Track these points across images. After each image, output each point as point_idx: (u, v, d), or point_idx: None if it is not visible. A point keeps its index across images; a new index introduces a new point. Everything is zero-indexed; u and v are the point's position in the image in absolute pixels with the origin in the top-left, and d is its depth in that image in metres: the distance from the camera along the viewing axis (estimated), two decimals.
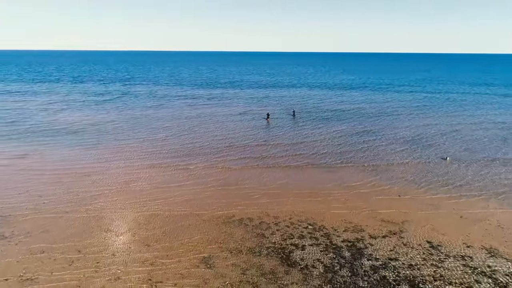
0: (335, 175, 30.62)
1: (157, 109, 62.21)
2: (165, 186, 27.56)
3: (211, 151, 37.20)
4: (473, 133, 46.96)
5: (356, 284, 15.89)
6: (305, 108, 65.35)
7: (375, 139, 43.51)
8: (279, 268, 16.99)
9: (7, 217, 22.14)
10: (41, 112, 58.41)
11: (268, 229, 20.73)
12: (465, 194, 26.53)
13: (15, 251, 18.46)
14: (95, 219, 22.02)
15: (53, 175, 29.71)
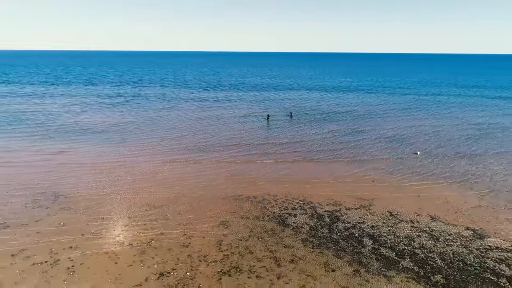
0: (326, 168, 37.10)
1: (169, 110, 68.78)
2: (185, 175, 34.06)
3: (220, 148, 43.74)
4: (451, 133, 53.39)
5: (332, 237, 22.43)
6: (302, 109, 71.88)
7: (364, 138, 49.96)
8: (277, 227, 23.55)
9: (68, 197, 28.70)
10: (64, 114, 64.98)
11: (268, 204, 27.30)
12: (427, 181, 33.02)
13: (83, 218, 25.03)
14: (136, 198, 28.57)
15: (93, 167, 36.18)
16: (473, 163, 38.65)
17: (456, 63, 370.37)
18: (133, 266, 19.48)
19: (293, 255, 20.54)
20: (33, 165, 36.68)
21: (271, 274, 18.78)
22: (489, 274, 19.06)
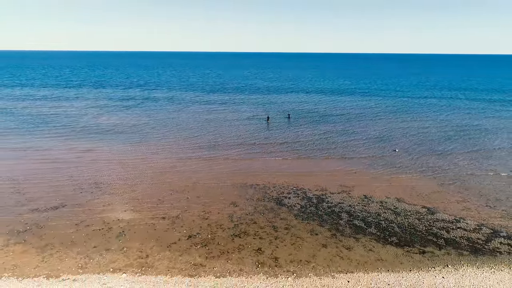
0: (318, 163, 43.78)
1: (179, 113, 75.54)
2: (199, 169, 40.70)
3: (227, 147, 50.48)
4: (432, 134, 60.02)
5: (317, 213, 29.17)
6: (300, 112, 78.62)
7: (353, 138, 56.60)
8: (275, 206, 30.30)
9: (106, 185, 35.43)
10: (84, 116, 71.77)
11: (268, 189, 34.05)
12: (400, 173, 39.73)
13: (122, 201, 31.76)
14: (161, 186, 35.31)
15: (120, 162, 42.83)
16: (444, 159, 45.34)
17: (452, 64, 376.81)
18: (167, 231, 26.25)
19: (287, 224, 27.29)
20: (69, 161, 43.37)
21: (270, 236, 25.53)
22: (432, 236, 25.78)
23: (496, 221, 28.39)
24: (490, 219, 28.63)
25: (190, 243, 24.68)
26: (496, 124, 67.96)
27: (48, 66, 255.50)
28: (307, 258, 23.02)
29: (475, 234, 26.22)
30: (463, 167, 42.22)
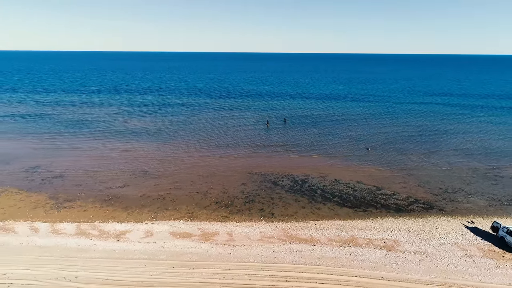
0: (309, 160, 57.59)
1: (194, 118, 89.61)
2: (217, 163, 54.83)
3: (236, 147, 64.54)
4: (404, 136, 73.78)
5: (300, 189, 43.26)
6: (294, 116, 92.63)
7: (337, 139, 70.54)
8: (272, 185, 44.44)
9: (153, 173, 49.58)
10: (115, 121, 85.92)
11: (268, 175, 48.18)
12: (366, 164, 53.75)
13: (167, 182, 45.90)
14: (192, 173, 49.44)
15: (156, 158, 56.95)
16: (402, 155, 59.32)
17: (442, 65, 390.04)
18: (202, 200, 40.41)
19: (280, 196, 41.41)
20: (115, 158, 57.30)
21: (268, 202, 39.65)
22: (373, 203, 39.84)
23: (420, 195, 42.46)
24: (416, 194, 42.71)
25: (217, 206, 38.85)
26: (457, 127, 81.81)
27: (59, 71, 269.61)
28: (291, 213, 37.18)
29: (402, 202, 40.32)
30: (414, 161, 56.16)
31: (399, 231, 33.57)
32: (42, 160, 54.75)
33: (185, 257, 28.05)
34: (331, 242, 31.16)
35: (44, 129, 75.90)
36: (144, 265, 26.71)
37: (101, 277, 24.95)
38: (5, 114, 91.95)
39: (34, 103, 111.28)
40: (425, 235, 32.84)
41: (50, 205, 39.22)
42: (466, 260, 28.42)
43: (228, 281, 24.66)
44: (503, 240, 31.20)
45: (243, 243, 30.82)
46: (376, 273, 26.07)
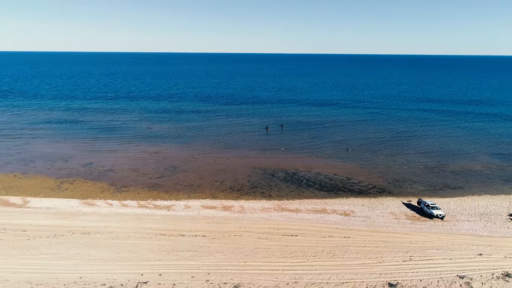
0: (299, 158, 73.58)
1: (205, 123, 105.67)
2: (228, 162, 70.81)
3: (241, 148, 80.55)
4: (377, 138, 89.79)
5: (291, 179, 59.26)
6: (291, 122, 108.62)
7: (324, 141, 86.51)
8: (270, 177, 60.47)
9: (180, 169, 65.61)
10: (139, 126, 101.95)
11: (267, 169, 64.20)
12: (343, 162, 69.67)
13: (192, 175, 61.93)
14: (209, 169, 65.47)
15: (180, 158, 72.97)
16: (374, 155, 75.23)
17: (440, 67, 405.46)
18: (220, 186, 56.42)
19: (276, 184, 57.42)
20: (147, 158, 73.30)
21: (268, 188, 55.68)
22: (344, 188, 55.79)
23: (378, 183, 58.41)
24: (375, 182, 58.67)
25: (231, 190, 54.88)
26: (423, 131, 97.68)
27: (71, 76, 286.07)
28: (283, 195, 53.21)
29: (363, 187, 56.30)
30: (381, 159, 72.05)
31: (356, 205, 49.51)
32: (92, 159, 70.83)
33: (214, 218, 44.09)
34: (309, 211, 47.14)
35: (83, 134, 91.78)
36: (190, 222, 42.73)
37: (166, 227, 40.94)
38: (43, 120, 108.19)
39: (63, 109, 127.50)
40: (373, 207, 48.79)
41: (112, 189, 55.32)
42: (393, 220, 44.37)
43: (243, 229, 40.63)
44: (422, 210, 47.12)
45: (251, 211, 46.82)
46: (334, 225, 42.07)
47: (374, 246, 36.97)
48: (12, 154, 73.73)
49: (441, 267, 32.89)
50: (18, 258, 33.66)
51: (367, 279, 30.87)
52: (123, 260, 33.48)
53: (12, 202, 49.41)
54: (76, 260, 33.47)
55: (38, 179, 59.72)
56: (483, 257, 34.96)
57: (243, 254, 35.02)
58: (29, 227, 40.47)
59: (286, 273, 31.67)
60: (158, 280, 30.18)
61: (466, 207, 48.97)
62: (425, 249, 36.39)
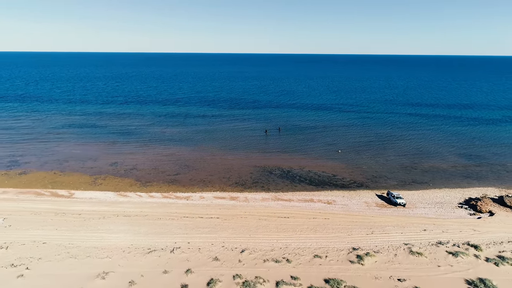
0: (296, 159, 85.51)
1: (213, 127, 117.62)
2: (233, 161, 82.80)
3: (244, 150, 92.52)
4: (364, 140, 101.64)
5: (286, 176, 71.27)
6: (288, 125, 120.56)
7: (316, 143, 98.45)
8: (269, 174, 72.50)
9: (194, 167, 77.66)
10: (152, 129, 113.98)
11: (266, 168, 76.21)
12: (334, 161, 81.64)
13: (205, 171, 73.96)
14: (218, 167, 77.47)
15: (192, 158, 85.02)
16: (360, 155, 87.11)
17: (434, 69, 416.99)
18: (227, 181, 68.42)
19: (273, 179, 69.42)
20: (163, 159, 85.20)
21: (266, 182, 67.70)
22: (330, 183, 67.76)
23: (358, 179, 70.36)
24: (356, 178, 70.62)
25: (237, 185, 66.86)
26: (405, 134, 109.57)
27: (79, 79, 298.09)
28: (279, 188, 65.19)
29: (346, 182, 68.27)
30: (364, 159, 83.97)
31: (337, 196, 61.48)
32: (116, 159, 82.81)
33: (224, 206, 56.09)
34: (299, 200, 59.11)
35: (103, 138, 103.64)
36: (205, 208, 54.72)
37: (187, 212, 52.90)
38: (65, 124, 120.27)
39: (80, 114, 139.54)
40: (351, 198, 60.76)
41: (139, 184, 67.37)
42: (365, 207, 56.36)
43: (247, 213, 52.60)
44: (389, 199, 59.07)
45: (253, 201, 58.81)
46: (318, 211, 54.04)
47: (347, 225, 48.94)
48: (46, 155, 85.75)
49: (393, 238, 44.85)
50: (82, 232, 45.68)
51: (337, 245, 42.84)
52: (159, 234, 45.49)
53: (61, 194, 61.48)
54: (125, 233, 45.47)
55: (75, 176, 71.81)
56: (426, 232, 46.91)
57: (248, 230, 47.01)
58: (82, 212, 52.52)
59: (280, 242, 43.65)
60: (187, 246, 42.15)
61: (426, 198, 60.95)
62: (384, 227, 48.35)
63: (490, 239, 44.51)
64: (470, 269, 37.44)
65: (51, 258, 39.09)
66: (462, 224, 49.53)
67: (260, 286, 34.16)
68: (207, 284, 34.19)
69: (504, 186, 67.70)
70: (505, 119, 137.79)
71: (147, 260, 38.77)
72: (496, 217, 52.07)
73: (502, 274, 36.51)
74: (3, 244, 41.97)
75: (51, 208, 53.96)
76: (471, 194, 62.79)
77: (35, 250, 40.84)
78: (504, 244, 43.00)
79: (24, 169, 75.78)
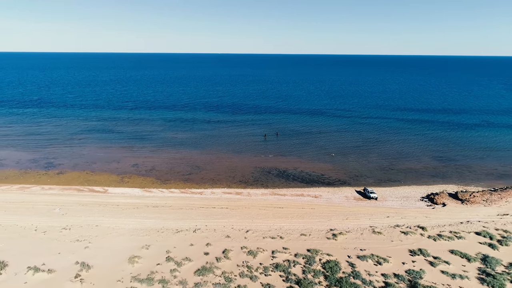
0: (290, 161, 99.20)
1: (217, 131, 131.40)
2: (237, 162, 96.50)
3: (246, 152, 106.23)
4: (354, 144, 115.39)
5: (282, 175, 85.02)
6: (285, 130, 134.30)
7: (310, 147, 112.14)
8: (267, 173, 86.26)
9: (203, 167, 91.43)
10: (163, 134, 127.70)
11: (265, 169, 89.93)
12: (327, 163, 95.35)
13: (213, 170, 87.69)
14: (224, 167, 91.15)
15: (203, 161, 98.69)
16: (345, 157, 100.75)
17: (431, 71, 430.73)
18: (232, 179, 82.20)
19: (271, 178, 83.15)
20: (178, 162, 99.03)
21: (265, 181, 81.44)
22: (317, 181, 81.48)
23: (342, 177, 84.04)
24: (340, 177, 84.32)
25: (240, 182, 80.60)
26: (389, 137, 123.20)
27: (87, 83, 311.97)
28: (276, 185, 78.96)
29: (331, 180, 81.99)
30: (349, 160, 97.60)
31: (323, 192, 75.11)
32: (136, 161, 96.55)
33: (232, 199, 69.78)
34: (292, 195, 72.76)
35: (121, 142, 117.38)
36: (216, 201, 68.40)
37: (202, 204, 66.56)
38: (84, 130, 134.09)
39: (96, 120, 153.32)
40: (334, 193, 74.40)
41: (159, 182, 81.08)
42: (345, 200, 70.04)
43: (250, 204, 66.25)
44: (365, 194, 72.72)
45: (254, 195, 72.47)
46: (306, 203, 67.70)
47: (328, 213, 62.61)
48: (76, 158, 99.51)
49: (362, 222, 58.51)
50: (123, 219, 59.39)
51: (319, 227, 56.46)
52: (183, 219, 59.21)
53: (97, 190, 75.24)
54: (156, 219, 59.17)
55: (104, 175, 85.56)
56: (389, 218, 60.57)
57: (251, 216, 60.69)
58: (119, 204, 66.26)
59: (275, 225, 57.31)
60: (205, 228, 55.82)
61: (395, 193, 74.60)
62: (357, 214, 62.04)
63: (435, 223, 58.13)
64: (414, 243, 51.02)
65: (105, 236, 52.76)
66: (418, 213, 63.23)
67: (261, 253, 47.75)
68: (222, 252, 47.79)
69: (463, 183, 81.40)
70: (484, 123, 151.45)
71: (176, 237, 52.43)
72: (446, 208, 65.74)
73: (436, 246, 50.08)
74: (66, 227, 55.66)
75: (93, 200, 67.75)
76: (434, 190, 76.45)
77: (91, 230, 54.52)
78: (446, 226, 56.59)
79: (60, 169, 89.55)
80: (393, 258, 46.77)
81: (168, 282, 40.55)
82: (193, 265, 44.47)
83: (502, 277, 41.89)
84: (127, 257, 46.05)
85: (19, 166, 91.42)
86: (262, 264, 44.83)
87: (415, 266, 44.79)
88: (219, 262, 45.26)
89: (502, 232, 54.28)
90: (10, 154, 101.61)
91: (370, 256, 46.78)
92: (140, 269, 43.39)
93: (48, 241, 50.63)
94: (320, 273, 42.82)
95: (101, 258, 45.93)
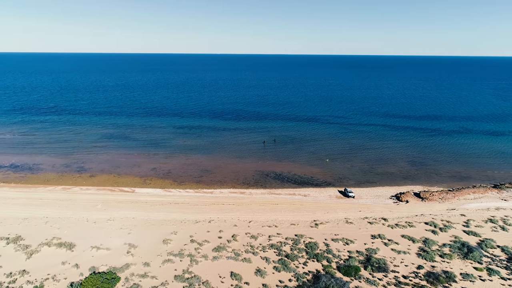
0: (286, 166, 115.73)
1: (221, 138, 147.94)
2: (240, 166, 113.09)
3: (247, 157, 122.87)
4: (343, 149, 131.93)
5: (279, 177, 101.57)
6: (282, 137, 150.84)
7: (307, 152, 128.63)
8: (266, 176, 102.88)
9: (212, 170, 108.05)
10: (175, 141, 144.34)
11: (264, 172, 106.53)
12: (319, 167, 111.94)
13: (220, 172, 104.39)
14: (229, 170, 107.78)
15: (211, 165, 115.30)
16: (334, 162, 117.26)
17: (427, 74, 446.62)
18: (236, 180, 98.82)
19: (269, 180, 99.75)
20: (189, 166, 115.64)
21: (264, 182, 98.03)
22: (308, 182, 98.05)
23: (328, 179, 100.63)
24: (326, 179, 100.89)
25: (243, 183, 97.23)
26: (374, 143, 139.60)
27: (96, 89, 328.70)
28: (273, 186, 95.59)
29: (319, 182, 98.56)
30: (336, 164, 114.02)
31: (311, 191, 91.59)
32: (154, 166, 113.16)
33: (237, 197, 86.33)
34: (286, 194, 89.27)
35: (138, 149, 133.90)
36: (224, 199, 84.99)
37: (213, 201, 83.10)
38: (103, 137, 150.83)
39: (112, 127, 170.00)
40: (320, 192, 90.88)
41: (176, 183, 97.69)
42: (328, 198, 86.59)
43: (251, 202, 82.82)
44: (345, 193, 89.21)
45: (255, 194, 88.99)
46: (297, 200, 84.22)
47: (313, 209, 79.10)
48: (101, 163, 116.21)
49: (339, 215, 74.99)
50: (152, 212, 75.99)
51: (305, 219, 72.94)
52: (200, 213, 75.80)
53: (126, 190, 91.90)
54: (178, 213, 75.76)
55: (129, 178, 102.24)
56: (360, 212, 77.08)
57: (252, 211, 77.26)
58: (147, 201, 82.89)
59: (272, 217, 73.80)
60: (218, 219, 72.37)
61: (371, 192, 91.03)
62: (336, 209, 78.54)
63: (396, 215, 74.67)
64: (376, 230, 67.48)
65: (141, 225, 69.37)
66: (385, 208, 79.77)
67: (260, 237, 64.26)
68: (232, 236, 64.31)
69: (428, 184, 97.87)
70: (462, 130, 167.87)
71: (196, 226, 69.01)
72: (408, 204, 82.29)
73: (392, 232, 66.52)
74: (109, 219, 72.28)
75: (126, 199, 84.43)
76: (402, 190, 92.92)
77: (129, 221, 71.15)
78: (403, 218, 73.09)
79: (91, 173, 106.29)
80: (358, 240, 63.31)
81: (194, 256, 57.17)
82: (211, 245, 61.06)
83: (434, 253, 58.42)
84: (161, 239, 62.68)
85: (55, 170, 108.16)
86: (261, 244, 61.39)
87: (373, 245, 61.34)
88: (229, 243, 61.88)
89: (445, 222, 70.77)
90: (45, 160, 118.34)
91: (341, 239, 63.30)
92: (172, 248, 59.99)
93: (99, 229, 67.27)
94: (303, 250, 59.41)
95: (142, 240, 62.55)
